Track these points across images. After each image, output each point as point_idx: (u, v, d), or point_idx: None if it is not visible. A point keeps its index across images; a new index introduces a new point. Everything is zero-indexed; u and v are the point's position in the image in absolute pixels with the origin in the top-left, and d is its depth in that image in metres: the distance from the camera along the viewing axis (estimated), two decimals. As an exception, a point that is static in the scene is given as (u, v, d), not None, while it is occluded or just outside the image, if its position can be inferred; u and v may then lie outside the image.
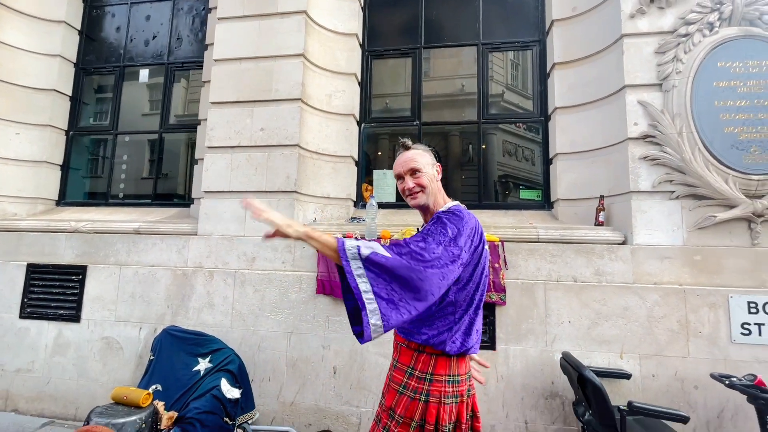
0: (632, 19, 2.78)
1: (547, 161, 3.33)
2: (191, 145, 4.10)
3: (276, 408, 2.83)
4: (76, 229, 3.38)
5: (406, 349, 1.39)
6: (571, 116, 3.12)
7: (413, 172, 1.46)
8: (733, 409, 2.37)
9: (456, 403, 1.32)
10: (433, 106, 3.70)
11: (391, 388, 1.40)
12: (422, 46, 3.68)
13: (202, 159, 3.40)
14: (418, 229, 1.66)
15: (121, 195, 4.07)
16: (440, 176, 1.52)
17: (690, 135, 2.59)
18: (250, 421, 2.63)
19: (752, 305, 2.43)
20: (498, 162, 3.61)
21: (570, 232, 2.73)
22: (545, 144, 3.37)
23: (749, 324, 2.43)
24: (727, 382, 2.13)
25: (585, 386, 2.09)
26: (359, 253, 1.23)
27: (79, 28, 4.20)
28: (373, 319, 1.19)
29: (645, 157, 2.66)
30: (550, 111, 3.30)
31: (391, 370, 1.45)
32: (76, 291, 3.26)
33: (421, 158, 1.48)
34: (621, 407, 2.00)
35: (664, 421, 2.15)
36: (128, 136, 4.14)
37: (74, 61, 4.18)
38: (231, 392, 2.51)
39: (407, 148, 1.51)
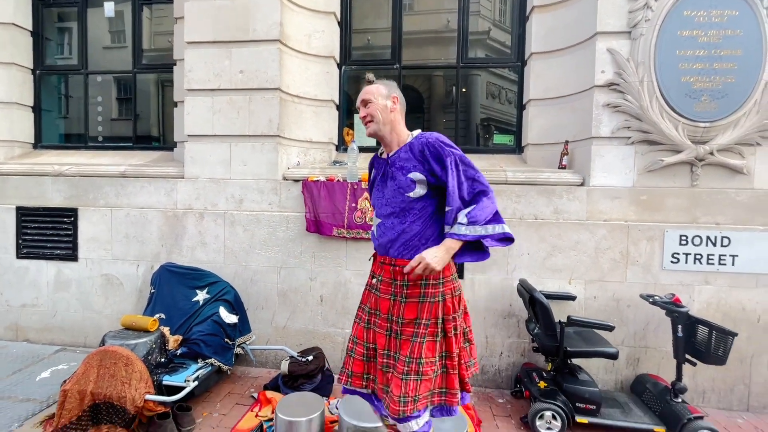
0: (610, -38, 2.79)
1: (521, 106, 3.48)
2: (161, 84, 4.02)
3: (270, 332, 3.19)
4: (60, 172, 3.43)
5: None
6: (546, 62, 3.22)
7: (365, 103, 1.66)
8: (656, 322, 2.84)
9: (457, 294, 1.66)
10: (417, 43, 3.68)
11: (409, 303, 1.61)
12: (403, -18, 3.58)
13: (182, 102, 3.40)
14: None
15: (100, 138, 4.04)
16: (397, 107, 1.68)
17: (650, 84, 2.77)
18: (247, 342, 2.99)
19: (683, 238, 2.81)
20: (481, 105, 3.70)
21: (535, 174, 2.98)
22: (520, 89, 3.49)
23: (678, 254, 2.83)
24: (651, 300, 2.56)
25: (535, 306, 2.48)
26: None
27: (30, -48, 3.84)
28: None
29: (608, 105, 2.85)
30: (526, 56, 3.38)
31: (402, 289, 1.63)
32: (69, 232, 3.40)
33: (376, 91, 1.66)
34: (561, 321, 2.41)
35: (596, 331, 2.61)
36: (100, 77, 4.01)
37: (30, -10, 3.87)
38: (229, 318, 2.83)
39: (370, 82, 1.69)
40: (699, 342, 2.42)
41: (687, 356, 2.46)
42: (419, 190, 1.58)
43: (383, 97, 1.65)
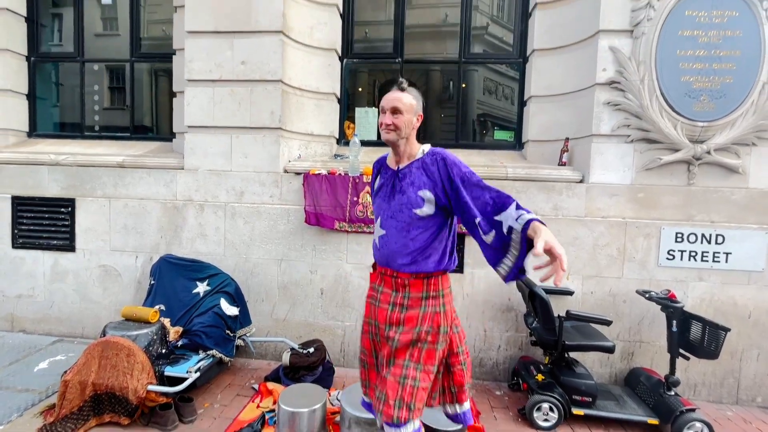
0: (614, -40, 2.81)
1: (522, 103, 3.50)
2: (155, 74, 3.97)
3: (270, 324, 3.21)
4: (56, 161, 3.38)
5: (415, 280, 1.63)
6: (548, 59, 3.23)
7: (394, 110, 1.62)
8: (651, 317, 2.90)
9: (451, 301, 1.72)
10: (416, 37, 3.67)
11: (408, 315, 1.61)
12: (406, -25, 3.56)
13: (182, 92, 3.36)
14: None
15: (96, 128, 3.99)
16: (418, 124, 1.68)
17: (651, 82, 2.80)
18: (248, 334, 3.00)
19: (678, 235, 2.87)
20: (478, 100, 3.71)
21: (535, 171, 3.01)
22: (521, 86, 3.51)
23: (674, 251, 2.88)
24: (646, 296, 2.61)
25: (534, 300, 2.52)
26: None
27: (24, -65, 3.75)
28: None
29: (608, 103, 2.88)
30: (528, 53, 3.39)
31: (403, 300, 1.64)
32: (67, 223, 3.36)
33: (408, 101, 1.63)
34: (560, 315, 2.46)
35: (593, 325, 2.66)
36: (96, 65, 3.95)
37: (24, -25, 3.79)
38: (230, 310, 2.83)
39: (402, 89, 1.65)
40: (692, 337, 2.48)
41: (681, 350, 2.53)
42: (427, 209, 1.58)
43: (412, 111, 1.64)
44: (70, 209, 3.36)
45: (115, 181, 3.32)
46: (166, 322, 2.75)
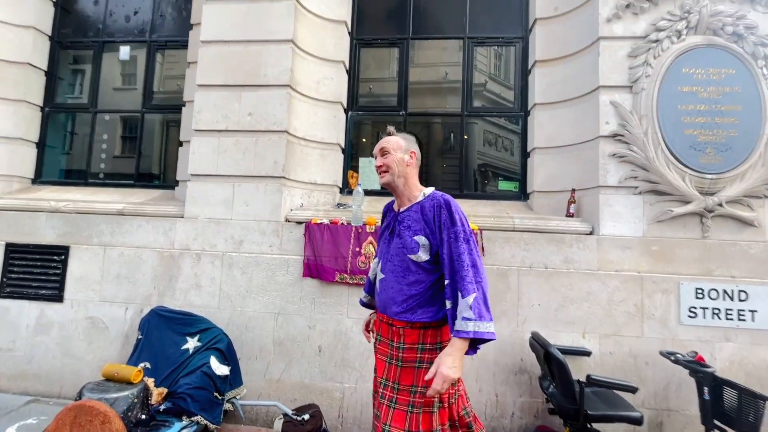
0: (609, 22, 2.94)
1: (525, 154, 3.51)
2: (166, 124, 4.06)
3: (263, 384, 2.96)
4: (56, 208, 3.34)
5: (411, 330, 1.54)
6: (549, 112, 3.29)
7: (383, 152, 1.66)
8: (677, 382, 2.66)
9: None
10: (417, 93, 3.79)
11: (405, 368, 1.52)
12: (410, 36, 3.75)
13: (188, 142, 3.40)
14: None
15: (101, 175, 4.01)
16: (413, 162, 1.67)
17: (654, 135, 2.80)
18: (238, 397, 2.76)
19: (699, 291, 2.71)
20: (478, 151, 3.76)
21: (543, 222, 2.93)
22: (524, 137, 3.55)
23: (696, 308, 2.71)
24: (672, 358, 2.40)
25: (550, 362, 2.32)
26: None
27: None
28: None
29: (614, 155, 2.87)
30: (530, 106, 3.46)
31: (398, 352, 1.55)
32: (58, 271, 3.24)
33: (395, 143, 1.67)
34: (580, 380, 2.24)
35: (616, 391, 2.42)
36: (108, 116, 4.05)
37: (49, 33, 4.02)
38: (220, 369, 2.62)
39: (389, 134, 1.71)
40: (728, 406, 2.24)
41: (716, 422, 2.27)
42: (422, 255, 1.54)
43: (402, 151, 1.66)
44: (63, 257, 3.26)
45: (113, 229, 3.25)
46: (150, 382, 2.53)
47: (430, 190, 1.66)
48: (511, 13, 3.66)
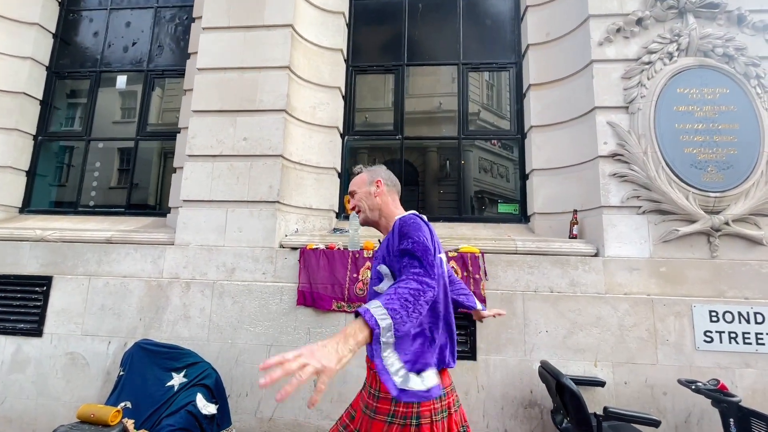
0: (601, 46, 2.99)
1: (524, 176, 3.47)
2: (163, 155, 4.01)
3: (254, 424, 2.74)
4: (42, 237, 3.22)
5: None
6: (546, 134, 3.28)
7: (352, 195, 1.61)
8: (698, 413, 2.48)
9: (446, 417, 1.32)
10: (412, 123, 3.79)
11: (376, 420, 1.32)
12: (405, 63, 3.80)
13: (181, 168, 3.34)
14: (379, 241, 1.72)
15: (91, 203, 3.91)
16: (382, 189, 1.55)
17: (654, 154, 2.77)
18: (226, 439, 2.54)
19: (713, 314, 2.59)
20: (474, 178, 3.73)
21: (546, 244, 2.84)
22: (521, 160, 3.52)
23: (711, 332, 2.58)
24: (693, 387, 2.24)
25: (563, 394, 2.15)
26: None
27: (53, 32, 4.08)
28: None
29: (614, 174, 2.82)
30: (526, 129, 3.46)
31: (372, 400, 1.36)
32: (39, 303, 3.07)
33: (360, 179, 1.60)
34: (597, 413, 2.07)
35: (636, 425, 2.24)
36: (101, 143, 4.00)
37: (47, 64, 4.04)
38: (207, 408, 2.42)
39: (356, 174, 1.64)
40: (757, 440, 2.07)
41: (745, 457, 2.09)
42: (384, 286, 1.38)
43: (366, 184, 1.59)
44: (45, 288, 3.09)
45: (99, 258, 3.12)
46: (129, 424, 2.32)
47: (408, 213, 1.48)
48: (503, 40, 3.74)
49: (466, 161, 3.71)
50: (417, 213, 1.48)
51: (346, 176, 3.66)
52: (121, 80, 4.09)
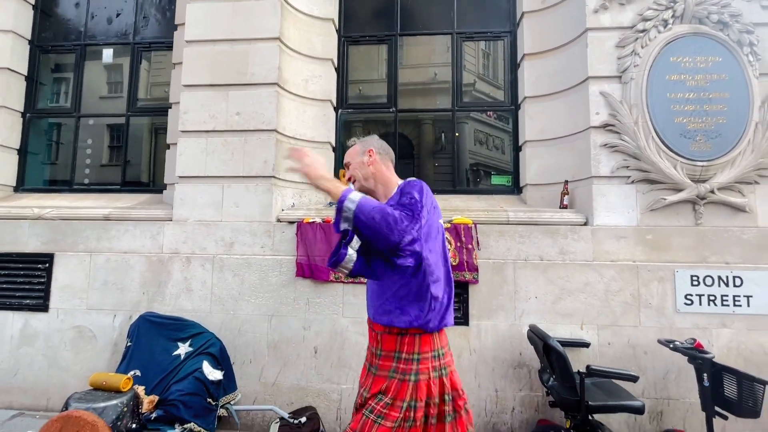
0: (596, 14, 2.95)
1: (517, 148, 3.50)
2: (154, 131, 3.98)
3: (258, 389, 2.89)
4: (39, 215, 3.24)
5: (388, 335, 1.42)
6: (539, 105, 3.28)
7: (346, 166, 1.66)
8: (676, 370, 2.65)
9: (446, 374, 1.40)
10: (406, 94, 3.76)
11: (378, 376, 1.41)
12: (398, 33, 3.72)
13: (175, 144, 3.33)
14: None
15: (86, 181, 3.90)
16: (375, 158, 1.59)
17: (645, 124, 2.81)
18: (232, 402, 2.69)
19: (694, 278, 2.71)
20: (469, 150, 3.75)
21: (537, 214, 2.91)
22: (515, 131, 3.53)
23: (692, 295, 2.71)
24: (671, 346, 2.39)
25: (549, 354, 2.29)
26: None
27: (33, 3, 3.93)
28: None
29: (605, 145, 2.86)
30: (520, 100, 3.46)
31: (375, 359, 1.46)
32: (42, 280, 3.14)
33: (353, 151, 1.65)
34: (580, 371, 2.21)
35: (616, 381, 2.40)
36: (92, 120, 3.95)
37: (29, 38, 3.92)
38: (213, 374, 2.55)
39: (349, 146, 1.69)
40: (728, 392, 2.23)
41: (717, 408, 2.26)
42: None
43: (359, 154, 1.62)
44: (47, 265, 3.15)
45: (99, 235, 3.16)
46: (140, 390, 2.45)
47: (401, 182, 1.55)
48: (498, 8, 3.66)
49: (461, 133, 3.71)
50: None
51: (340, 150, 3.66)
52: (107, 53, 3.99)
